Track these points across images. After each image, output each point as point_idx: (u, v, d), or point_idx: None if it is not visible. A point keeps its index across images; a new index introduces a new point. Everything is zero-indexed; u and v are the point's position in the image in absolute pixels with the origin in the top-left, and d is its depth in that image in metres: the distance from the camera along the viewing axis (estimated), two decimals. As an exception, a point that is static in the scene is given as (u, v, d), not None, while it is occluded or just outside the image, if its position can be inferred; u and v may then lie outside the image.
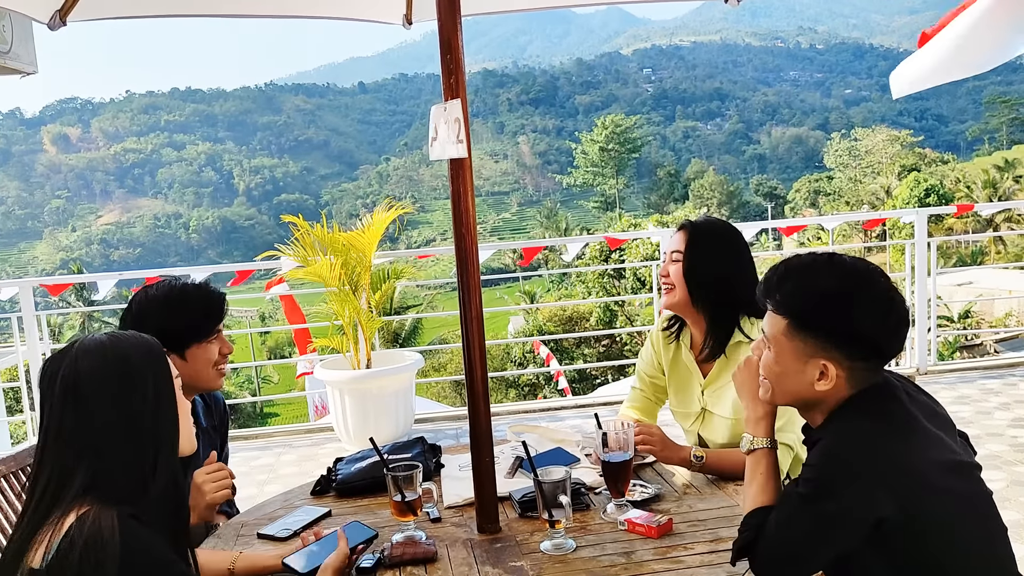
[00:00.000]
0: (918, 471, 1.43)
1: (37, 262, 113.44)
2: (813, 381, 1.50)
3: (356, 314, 5.02)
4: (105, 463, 1.31)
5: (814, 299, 1.49)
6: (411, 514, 1.78)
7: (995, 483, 3.82)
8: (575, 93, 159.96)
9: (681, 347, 2.40)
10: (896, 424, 1.47)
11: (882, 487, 1.40)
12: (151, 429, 1.37)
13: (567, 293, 41.06)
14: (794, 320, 1.50)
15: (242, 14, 2.64)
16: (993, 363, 6.11)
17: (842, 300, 1.47)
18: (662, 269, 2.35)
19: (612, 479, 1.89)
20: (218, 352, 2.16)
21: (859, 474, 1.41)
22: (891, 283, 1.51)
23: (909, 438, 1.46)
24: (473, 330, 1.83)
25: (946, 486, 1.45)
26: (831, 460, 1.45)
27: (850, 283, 1.48)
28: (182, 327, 2.09)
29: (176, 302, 2.12)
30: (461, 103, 1.76)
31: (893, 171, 65.73)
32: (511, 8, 2.86)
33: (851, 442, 1.46)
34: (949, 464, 1.48)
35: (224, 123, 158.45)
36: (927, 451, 1.46)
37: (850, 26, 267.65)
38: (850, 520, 1.42)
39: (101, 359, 1.35)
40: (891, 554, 1.44)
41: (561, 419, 5.46)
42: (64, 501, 1.28)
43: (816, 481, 1.45)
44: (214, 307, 2.15)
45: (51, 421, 1.33)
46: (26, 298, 5.47)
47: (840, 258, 1.53)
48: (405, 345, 28.61)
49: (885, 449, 1.43)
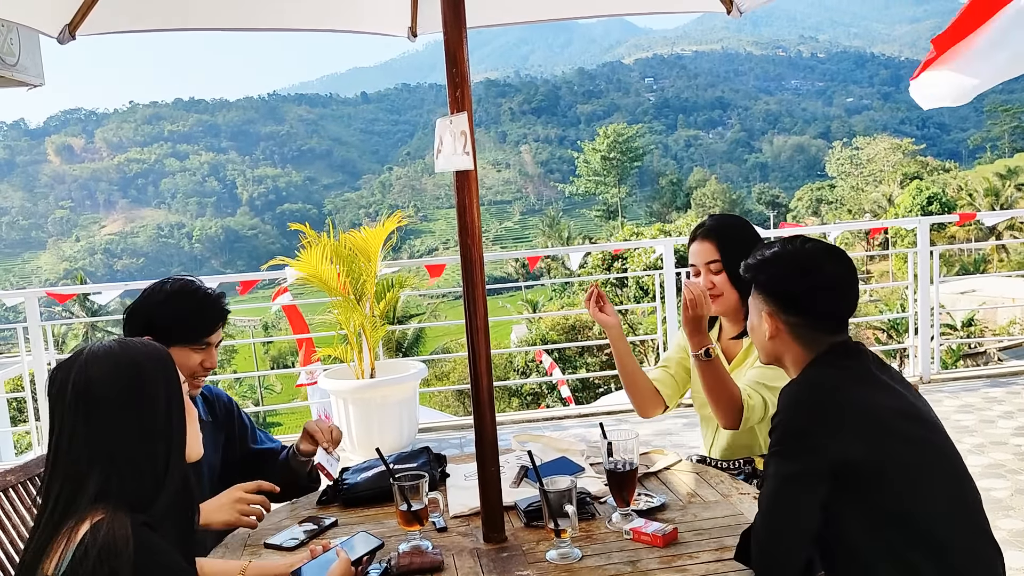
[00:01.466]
0: (876, 414, 1.55)
1: (41, 272, 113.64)
2: (766, 334, 1.74)
3: (360, 323, 5.03)
4: (118, 469, 1.32)
5: (756, 258, 1.77)
6: (417, 523, 1.78)
7: (999, 491, 3.81)
8: (577, 102, 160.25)
9: (710, 335, 2.46)
10: (852, 373, 1.62)
11: (844, 428, 1.52)
12: (163, 435, 1.38)
13: (569, 302, 41.00)
14: (752, 280, 1.78)
15: (248, 27, 2.67)
16: (997, 371, 6.10)
17: (774, 260, 1.74)
18: (706, 282, 2.36)
19: (617, 488, 1.89)
20: (199, 363, 2.13)
21: (818, 415, 1.55)
22: (838, 255, 1.73)
23: (865, 385, 1.60)
24: (479, 341, 1.84)
25: (906, 430, 1.57)
26: (790, 407, 1.59)
27: (788, 248, 1.74)
28: (170, 323, 2.07)
29: (177, 298, 2.12)
30: (467, 116, 1.78)
31: (895, 179, 65.74)
32: (515, 20, 2.87)
33: (809, 388, 1.61)
34: (907, 411, 1.60)
35: (227, 133, 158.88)
36: (884, 398, 1.59)
37: (851, 35, 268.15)
38: (819, 462, 1.51)
39: (112, 366, 1.36)
40: (863, 505, 1.52)
41: (565, 428, 5.46)
42: (78, 508, 1.29)
43: (780, 429, 1.57)
44: (207, 318, 2.13)
45: (63, 428, 1.33)
46: (31, 308, 5.49)
47: (803, 236, 1.79)
48: (408, 354, 28.60)
49: (841, 393, 1.57)
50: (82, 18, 2.27)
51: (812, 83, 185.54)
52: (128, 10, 2.40)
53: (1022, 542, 3.28)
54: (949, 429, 1.69)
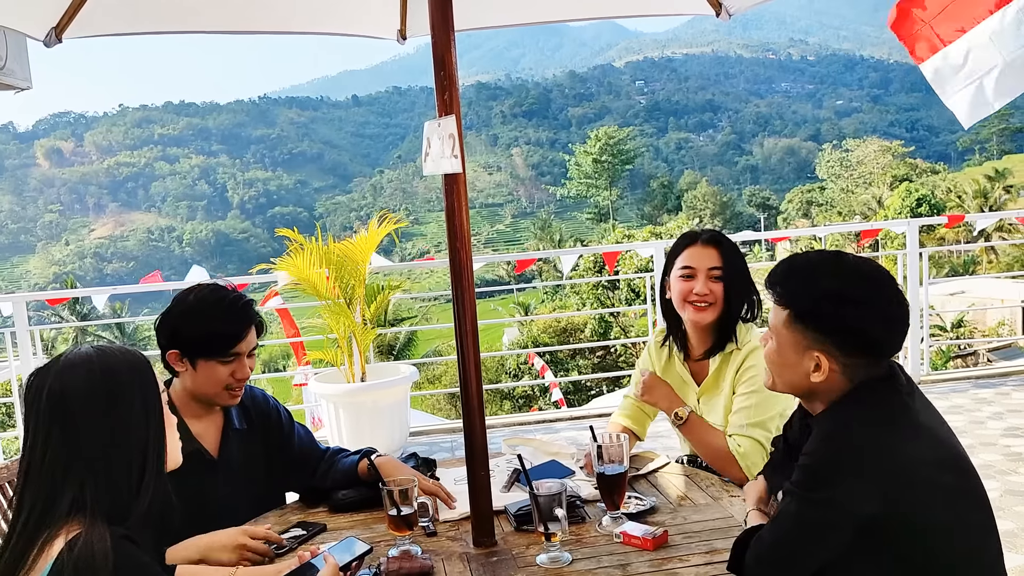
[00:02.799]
0: (908, 462, 1.43)
1: (30, 276, 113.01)
2: (808, 372, 1.54)
3: (351, 327, 5.01)
4: (92, 479, 1.28)
5: (813, 295, 1.52)
6: (407, 528, 1.78)
7: (989, 493, 3.80)
8: (568, 105, 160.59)
9: (674, 358, 2.44)
10: (892, 413, 1.49)
11: (868, 481, 1.41)
12: (139, 445, 1.34)
13: (561, 304, 41.02)
14: (793, 313, 1.55)
15: (238, 31, 2.66)
16: (986, 372, 6.13)
17: (840, 298, 1.49)
18: (701, 287, 2.26)
19: (607, 491, 1.89)
20: (230, 375, 2.05)
21: (847, 470, 1.43)
22: (894, 284, 1.54)
23: (904, 423, 1.48)
24: (468, 344, 1.84)
25: (938, 481, 1.45)
26: (822, 449, 1.47)
27: (850, 282, 1.51)
28: (193, 336, 2.02)
29: (198, 310, 2.03)
30: (455, 119, 1.77)
31: (885, 181, 66.07)
32: (504, 23, 2.88)
33: (840, 433, 1.48)
34: (943, 459, 1.48)
35: (217, 136, 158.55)
36: (919, 444, 1.47)
37: (840, 38, 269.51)
38: (839, 512, 1.42)
39: (87, 374, 1.33)
40: (879, 556, 1.44)
41: (556, 431, 5.46)
42: (52, 521, 1.26)
43: (808, 469, 1.47)
44: (231, 329, 2.04)
45: (37, 438, 1.30)
46: (19, 313, 5.45)
47: (845, 257, 1.57)
48: (400, 357, 28.54)
49: (876, 441, 1.44)
50: (68, 21, 2.25)
51: (802, 86, 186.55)
52: (115, 13, 2.38)
53: (1012, 543, 3.29)
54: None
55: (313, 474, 2.20)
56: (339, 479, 2.16)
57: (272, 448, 2.22)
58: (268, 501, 2.20)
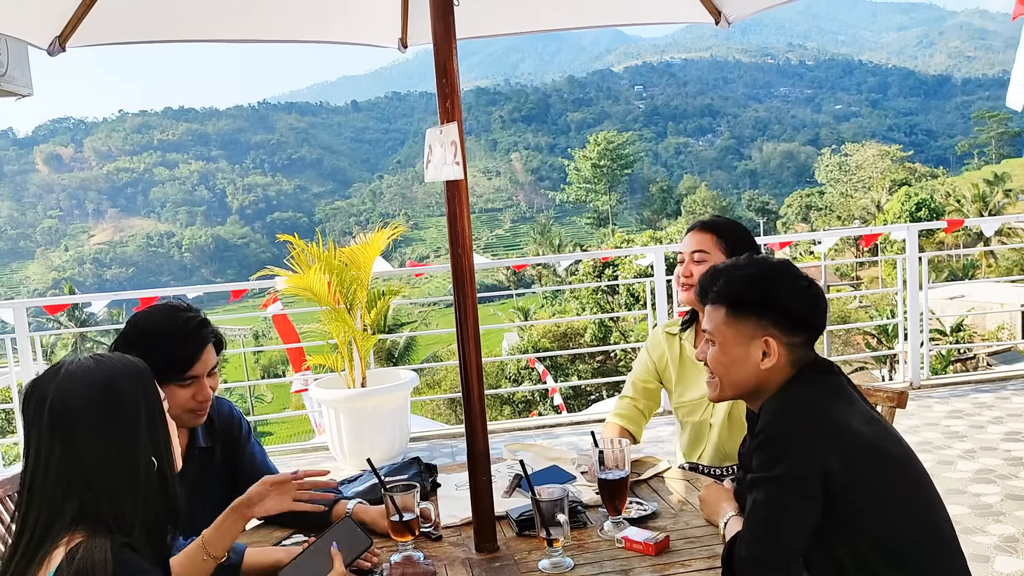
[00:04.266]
0: (854, 428, 1.53)
1: (29, 282, 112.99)
2: (758, 361, 1.64)
3: (351, 333, 5.01)
4: (96, 493, 1.26)
5: (744, 281, 1.67)
6: (409, 534, 1.78)
7: (989, 497, 3.83)
8: (567, 110, 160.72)
9: (685, 345, 2.53)
10: (832, 389, 1.60)
11: (823, 440, 1.50)
12: (143, 455, 1.32)
13: (561, 309, 41.00)
14: (731, 306, 1.66)
15: (240, 39, 2.67)
16: (986, 377, 6.13)
17: (766, 278, 1.66)
18: (684, 269, 2.43)
19: (609, 497, 1.90)
20: (191, 397, 1.96)
21: (801, 431, 1.52)
22: (796, 268, 1.71)
23: (845, 400, 1.59)
24: (470, 350, 1.84)
25: (882, 446, 1.55)
26: (773, 425, 1.55)
27: (769, 267, 1.69)
28: (148, 364, 1.97)
29: (148, 335, 1.92)
30: (457, 126, 1.78)
31: (884, 186, 66.11)
32: (505, 32, 2.89)
33: (791, 406, 1.58)
34: (881, 429, 1.59)
35: (217, 142, 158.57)
36: (863, 412, 1.58)
37: (839, 43, 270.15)
38: (803, 478, 1.49)
39: (89, 386, 1.30)
40: (850, 527, 1.50)
41: (556, 436, 5.46)
42: (54, 533, 1.24)
43: (763, 446, 1.54)
44: (183, 353, 1.93)
45: (39, 451, 1.27)
46: (20, 319, 5.46)
47: (752, 254, 1.79)
48: (400, 362, 28.53)
49: (823, 408, 1.55)
50: (72, 30, 2.26)
51: (801, 90, 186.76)
52: (118, 22, 2.40)
53: (1012, 547, 3.30)
54: (939, 435, 1.71)
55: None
56: (303, 516, 1.98)
57: (231, 462, 2.15)
58: None
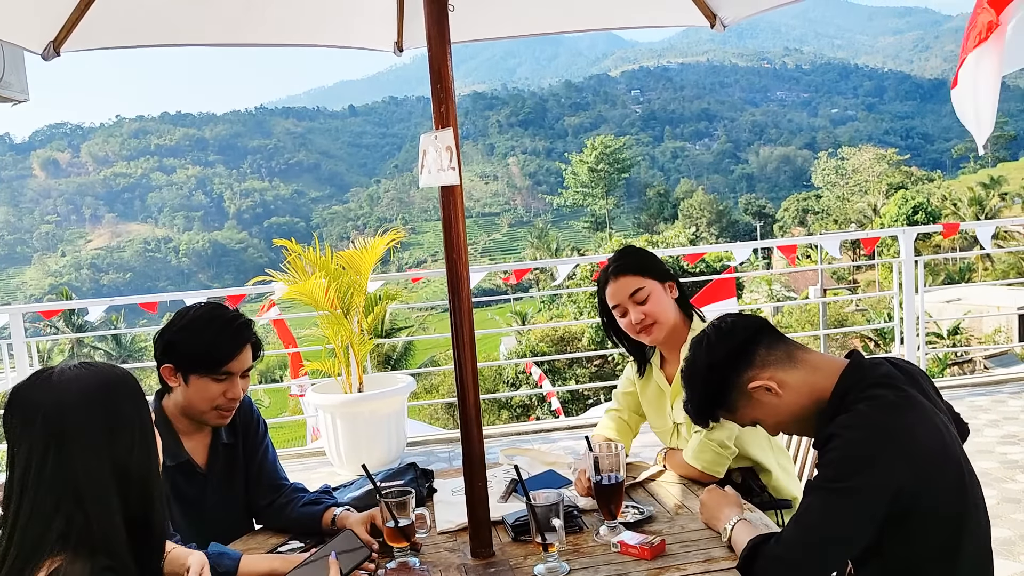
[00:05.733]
0: (921, 442, 1.50)
1: (26, 287, 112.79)
2: (779, 403, 1.63)
3: (348, 337, 5.01)
4: (85, 510, 1.22)
5: (706, 397, 1.71)
6: (405, 540, 1.78)
7: (986, 500, 3.83)
8: (564, 114, 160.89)
9: (651, 369, 2.44)
10: (895, 403, 1.53)
11: (898, 458, 1.46)
12: (134, 472, 1.28)
13: (558, 313, 40.99)
14: (721, 409, 1.71)
15: (236, 43, 2.67)
16: (982, 380, 6.13)
17: (705, 378, 1.69)
18: (634, 315, 2.25)
19: (604, 501, 1.90)
20: (222, 393, 2.02)
21: (874, 453, 1.47)
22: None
23: (908, 414, 1.53)
24: (465, 355, 1.84)
25: (948, 456, 1.53)
26: (847, 447, 1.50)
27: (702, 365, 1.70)
28: (187, 351, 2.01)
29: (195, 326, 2.02)
30: (452, 131, 1.78)
31: (880, 189, 66.29)
32: (501, 36, 2.89)
33: (859, 428, 1.51)
34: (947, 444, 1.55)
35: (214, 147, 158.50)
36: (925, 424, 1.53)
37: (835, 47, 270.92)
38: (873, 489, 1.46)
39: (83, 392, 1.26)
40: (909, 536, 1.49)
41: (553, 440, 5.45)
42: (40, 553, 1.19)
43: (835, 466, 1.50)
44: (226, 347, 2.01)
45: (29, 463, 1.22)
46: (16, 325, 5.45)
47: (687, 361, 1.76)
48: (397, 367, 28.49)
49: (892, 426, 1.50)
50: (67, 34, 2.26)
51: (797, 94, 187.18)
52: (113, 26, 2.39)
53: (1009, 551, 3.30)
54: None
55: (269, 504, 2.16)
56: (295, 523, 2.10)
57: (248, 457, 2.22)
58: None
